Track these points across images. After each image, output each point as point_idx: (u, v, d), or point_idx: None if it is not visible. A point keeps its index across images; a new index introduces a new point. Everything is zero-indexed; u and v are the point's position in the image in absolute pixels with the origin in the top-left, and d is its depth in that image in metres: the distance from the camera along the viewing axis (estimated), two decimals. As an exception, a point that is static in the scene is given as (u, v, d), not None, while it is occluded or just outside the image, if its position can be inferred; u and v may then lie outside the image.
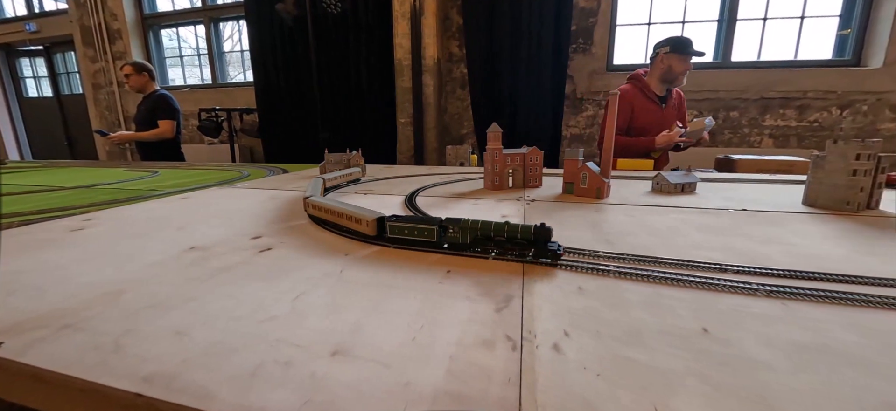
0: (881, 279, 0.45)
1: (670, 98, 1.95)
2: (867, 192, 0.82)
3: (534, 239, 0.49)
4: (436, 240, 0.54)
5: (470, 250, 0.53)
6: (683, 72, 1.84)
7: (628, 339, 0.32)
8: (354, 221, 0.61)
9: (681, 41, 1.82)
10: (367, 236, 0.60)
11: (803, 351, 0.31)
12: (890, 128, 2.66)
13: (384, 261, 0.52)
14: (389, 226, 0.56)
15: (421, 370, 0.28)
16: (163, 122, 2.60)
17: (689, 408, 0.24)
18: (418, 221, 0.55)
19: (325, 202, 0.69)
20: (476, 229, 0.52)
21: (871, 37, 2.63)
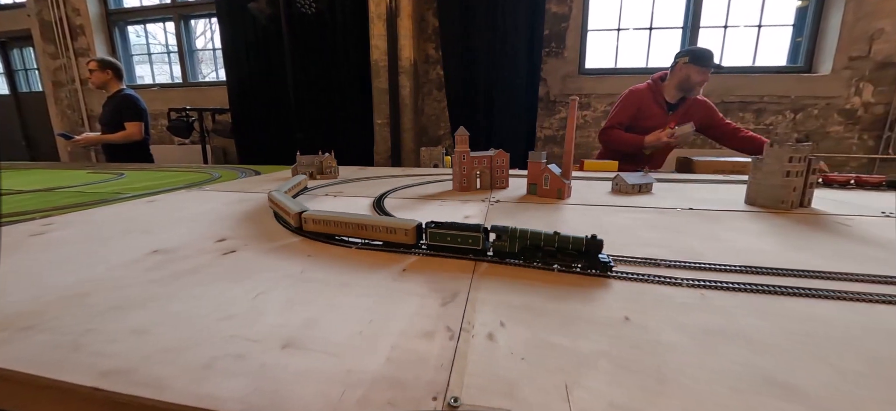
0: (797, 270, 0.51)
1: (682, 106, 1.97)
2: (800, 192, 0.90)
3: (585, 250, 0.48)
4: (480, 247, 0.52)
5: (517, 259, 0.51)
6: (701, 82, 1.86)
7: (558, 328, 0.36)
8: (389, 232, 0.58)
9: (701, 53, 1.84)
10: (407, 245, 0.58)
11: (708, 335, 0.36)
12: (838, 130, 2.85)
13: (344, 262, 0.54)
14: (429, 232, 0.54)
15: (363, 358, 0.31)
16: (130, 124, 2.53)
17: (595, 384, 0.28)
18: (461, 228, 0.53)
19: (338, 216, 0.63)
20: (525, 238, 0.50)
21: (820, 45, 2.81)
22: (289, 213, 0.69)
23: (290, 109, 3.08)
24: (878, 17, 2.62)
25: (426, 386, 0.28)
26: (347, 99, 3.12)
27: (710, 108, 2.03)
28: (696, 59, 1.82)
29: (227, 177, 1.50)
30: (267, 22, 3.00)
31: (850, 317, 0.39)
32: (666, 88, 1.96)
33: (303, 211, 0.66)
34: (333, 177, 1.33)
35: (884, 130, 2.78)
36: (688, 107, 1.97)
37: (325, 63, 3.06)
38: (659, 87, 1.97)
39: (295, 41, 2.99)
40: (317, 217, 0.64)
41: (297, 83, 3.05)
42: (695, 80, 1.85)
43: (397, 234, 0.57)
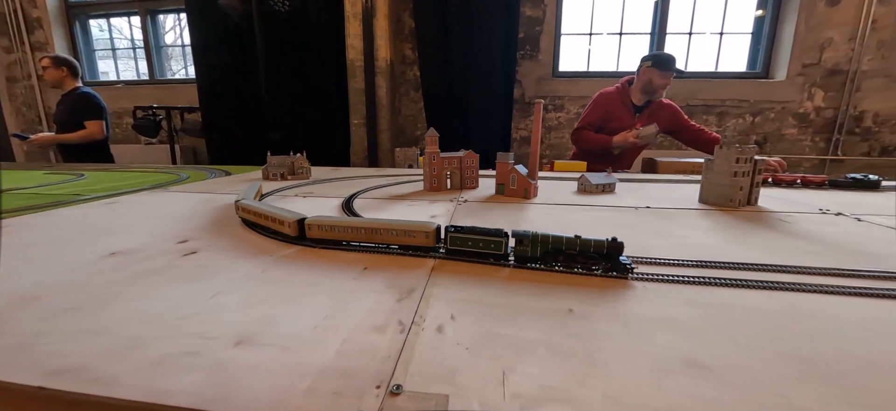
0: (733, 263, 0.55)
1: (648, 108, 2.06)
2: (746, 191, 0.96)
3: (607, 252, 0.49)
4: (503, 252, 0.52)
5: (539, 264, 0.51)
6: (662, 86, 1.96)
7: (505, 320, 0.38)
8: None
9: (663, 58, 1.94)
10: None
11: (643, 323, 0.39)
12: (793, 133, 3.03)
13: (306, 261, 0.55)
14: (449, 236, 0.53)
15: (314, 352, 0.32)
16: (90, 123, 2.42)
17: (530, 369, 0.30)
18: (483, 233, 0.52)
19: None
20: (547, 242, 0.50)
21: (776, 53, 2.98)
22: (284, 222, 0.63)
23: (264, 109, 3.02)
24: (828, 27, 2.80)
25: (372, 376, 0.29)
26: (323, 99, 3.09)
27: (677, 111, 2.13)
28: (658, 64, 1.92)
29: (195, 178, 1.47)
30: (238, 18, 2.93)
31: (773, 305, 0.43)
32: (633, 92, 2.06)
33: (303, 218, 0.62)
34: (305, 177, 1.33)
35: (833, 133, 2.97)
36: (654, 109, 2.07)
37: (299, 62, 3.02)
38: (626, 90, 2.07)
39: (268, 39, 2.94)
40: (322, 223, 0.60)
41: (270, 82, 3.00)
42: (657, 84, 1.95)
43: (417, 237, 0.55)
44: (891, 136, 2.97)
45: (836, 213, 0.90)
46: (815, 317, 0.40)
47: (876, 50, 2.81)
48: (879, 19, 2.76)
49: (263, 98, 3.01)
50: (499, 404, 0.26)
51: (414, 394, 0.27)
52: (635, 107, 2.06)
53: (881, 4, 2.73)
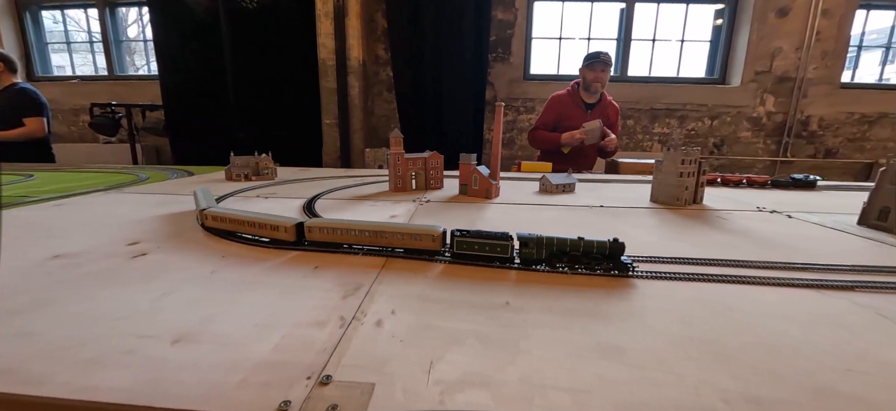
0: (667, 257, 0.59)
1: (599, 105, 2.20)
2: (692, 191, 1.02)
3: (609, 253, 0.51)
4: (509, 255, 0.53)
5: (545, 265, 0.53)
6: (594, 79, 2.10)
7: (444, 314, 0.41)
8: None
9: (589, 55, 2.13)
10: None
11: (568, 313, 0.42)
12: (747, 135, 3.21)
13: (257, 261, 0.55)
14: (456, 241, 0.54)
15: (252, 348, 0.33)
16: (30, 120, 2.28)
17: (457, 358, 0.33)
18: (489, 237, 0.53)
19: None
20: (552, 245, 0.52)
21: (732, 60, 3.15)
22: (280, 228, 0.60)
23: (231, 107, 2.95)
24: (777, 37, 2.99)
25: (305, 368, 0.31)
26: (294, 98, 3.04)
27: (617, 112, 2.30)
28: (586, 60, 2.12)
29: (155, 179, 1.43)
30: (204, 14, 2.85)
31: (692, 295, 0.47)
32: (582, 92, 2.20)
33: (301, 222, 0.61)
34: (271, 178, 1.31)
35: (783, 136, 3.17)
36: (603, 107, 2.22)
37: (268, 60, 2.96)
38: (577, 91, 2.21)
39: (235, 36, 2.86)
40: (324, 225, 0.59)
41: (237, 80, 2.93)
42: (589, 79, 2.11)
43: (423, 241, 0.55)
44: (834, 140, 3.20)
45: (771, 211, 0.97)
46: (726, 304, 0.44)
47: (820, 59, 3.02)
48: (823, 31, 2.96)
49: (231, 96, 2.94)
50: (421, 390, 0.28)
51: (341, 384, 0.29)
52: (586, 106, 2.19)
53: (824, 17, 2.94)
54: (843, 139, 3.19)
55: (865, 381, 0.31)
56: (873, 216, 0.84)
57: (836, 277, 0.53)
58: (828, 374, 0.32)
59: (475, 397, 0.28)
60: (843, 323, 0.41)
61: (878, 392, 0.30)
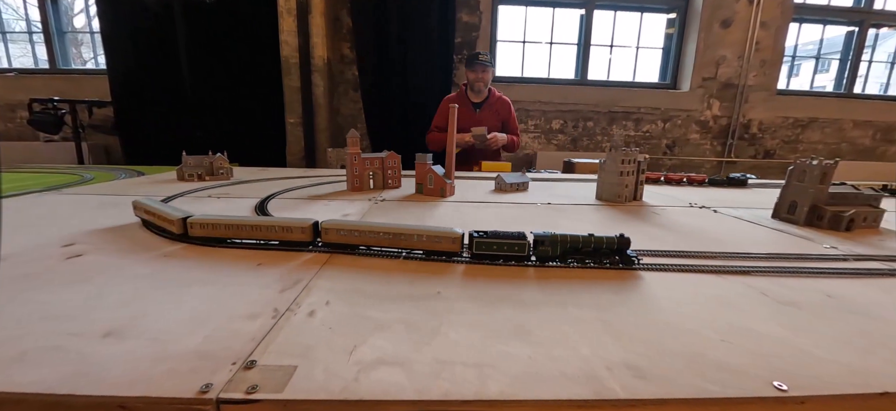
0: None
1: (486, 103, 2.28)
2: (632, 188, 1.10)
3: (617, 248, 0.55)
4: (525, 253, 0.56)
5: (558, 262, 0.56)
6: (476, 80, 2.19)
7: (376, 305, 0.43)
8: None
9: (468, 56, 2.24)
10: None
11: (492, 301, 0.45)
12: (696, 138, 3.43)
13: (200, 259, 0.56)
14: (475, 242, 0.56)
15: (182, 340, 0.35)
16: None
17: (380, 342, 0.35)
18: (506, 237, 0.56)
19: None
20: (565, 242, 0.55)
21: (682, 66, 3.36)
22: (294, 228, 0.60)
23: (187, 105, 2.84)
24: (722, 47, 3.21)
25: (232, 355, 0.32)
26: (256, 96, 2.96)
27: (509, 106, 2.37)
28: (466, 61, 2.22)
29: (101, 179, 1.36)
30: (157, 6, 2.72)
31: (609, 282, 0.52)
32: (469, 93, 2.29)
33: (317, 222, 0.61)
34: (226, 178, 1.29)
35: (727, 138, 3.41)
36: (492, 104, 2.29)
37: (228, 56, 2.87)
38: (464, 91, 2.30)
39: (192, 30, 2.76)
40: (341, 227, 0.59)
41: (195, 76, 2.82)
42: (472, 79, 2.20)
43: (443, 243, 0.57)
44: (772, 141, 3.47)
45: (701, 207, 1.06)
46: (635, 288, 0.49)
47: (759, 67, 3.27)
48: (762, 41, 3.21)
49: (187, 93, 2.83)
50: (341, 370, 0.31)
51: (265, 367, 0.31)
52: (474, 105, 2.28)
53: (763, 28, 3.19)
54: (780, 141, 3.47)
55: (732, 348, 0.36)
56: (784, 210, 0.94)
57: (736, 264, 0.60)
58: (704, 344, 0.37)
59: (389, 374, 0.31)
60: (731, 302, 0.47)
61: (741, 356, 0.35)
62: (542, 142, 3.37)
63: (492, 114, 2.27)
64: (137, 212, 0.74)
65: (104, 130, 2.98)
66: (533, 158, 3.33)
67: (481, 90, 2.25)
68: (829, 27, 3.46)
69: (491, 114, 2.26)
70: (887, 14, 3.40)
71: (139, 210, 0.74)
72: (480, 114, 2.25)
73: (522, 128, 3.32)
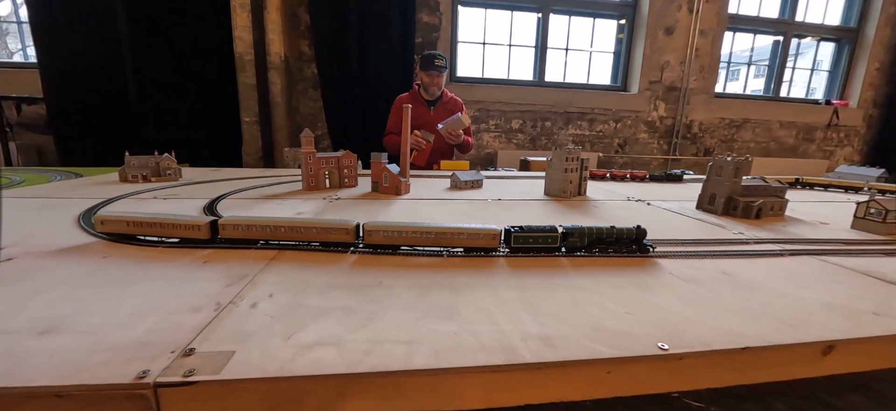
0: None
1: (440, 101, 2.29)
2: (576, 184, 1.18)
3: (635, 237, 0.64)
4: (557, 245, 0.62)
5: (585, 251, 0.63)
6: (431, 82, 2.19)
7: (319, 295, 0.46)
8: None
9: (423, 57, 2.21)
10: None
11: (429, 288, 0.49)
12: (644, 137, 3.65)
13: (144, 260, 0.56)
14: (513, 237, 0.60)
15: (121, 333, 0.36)
16: None
17: (318, 327, 0.38)
18: (540, 231, 0.62)
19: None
20: (591, 234, 0.62)
21: (631, 70, 3.57)
22: (336, 229, 0.61)
23: (132, 102, 2.68)
24: (666, 52, 3.44)
25: (171, 345, 0.34)
26: (209, 94, 2.84)
27: (463, 108, 2.34)
28: (421, 63, 2.21)
29: (33, 182, 1.28)
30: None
31: (535, 267, 0.57)
32: (422, 92, 2.30)
33: (358, 223, 0.63)
34: (174, 179, 1.25)
35: (672, 138, 3.66)
36: (446, 103, 2.32)
37: (177, 51, 2.74)
38: (418, 91, 2.31)
39: (135, 22, 2.61)
40: (386, 229, 0.60)
41: (140, 72, 2.67)
42: (426, 81, 2.21)
43: (483, 240, 0.61)
44: (711, 140, 3.76)
45: (637, 200, 1.16)
46: (560, 273, 0.55)
47: (699, 72, 3.53)
48: (700, 48, 3.47)
49: (131, 90, 2.67)
50: (278, 352, 0.33)
51: (203, 353, 0.33)
52: (429, 103, 2.28)
53: (701, 36, 3.45)
54: (718, 140, 3.77)
55: (631, 319, 0.42)
56: (705, 201, 1.05)
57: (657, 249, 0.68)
58: (609, 317, 0.43)
59: (324, 354, 0.34)
60: (642, 282, 0.53)
61: (638, 325, 0.41)
62: (502, 141, 3.46)
63: (446, 113, 2.28)
64: (110, 226, 0.63)
65: (35, 129, 2.75)
66: (494, 157, 3.42)
67: (434, 93, 2.26)
68: (759, 36, 3.80)
69: (445, 114, 2.27)
70: (807, 26, 3.79)
71: (114, 224, 0.62)
72: (435, 111, 2.27)
73: (484, 128, 3.40)
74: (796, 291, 0.52)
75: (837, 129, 3.93)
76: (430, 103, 2.29)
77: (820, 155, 4.00)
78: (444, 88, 2.35)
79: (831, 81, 4.00)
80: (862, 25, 3.77)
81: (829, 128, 3.91)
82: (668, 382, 0.36)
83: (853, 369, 0.41)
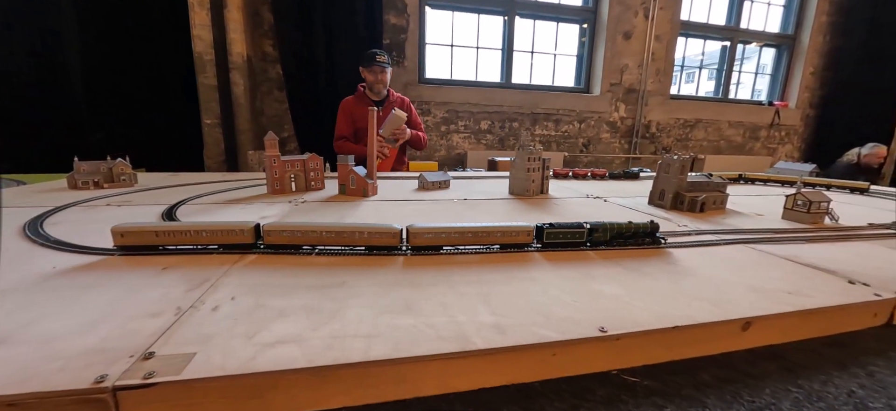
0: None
1: (388, 101, 2.21)
2: (538, 183, 1.23)
3: (650, 231, 0.71)
4: (584, 240, 0.69)
5: (608, 245, 0.69)
6: (375, 80, 2.12)
7: (282, 296, 0.47)
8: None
9: (364, 55, 2.13)
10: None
11: (389, 285, 0.51)
12: (607, 137, 3.81)
13: (97, 269, 0.54)
14: (546, 232, 0.67)
15: (77, 340, 0.36)
16: None
17: (281, 326, 0.39)
18: (569, 227, 0.68)
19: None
20: (613, 229, 0.69)
21: (593, 73, 3.71)
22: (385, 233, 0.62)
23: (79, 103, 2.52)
24: (625, 56, 3.61)
25: (129, 350, 0.34)
26: (167, 95, 2.72)
27: (409, 106, 2.31)
28: (362, 61, 2.14)
29: (-33, 190, 1.19)
30: (37, -8, 2.39)
31: (493, 263, 0.60)
32: (368, 92, 2.23)
33: (402, 228, 0.64)
34: (129, 185, 1.20)
35: (632, 137, 3.84)
36: (393, 102, 2.23)
37: (130, 50, 2.61)
38: (364, 92, 2.24)
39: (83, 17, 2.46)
40: (428, 231, 0.63)
41: (89, 71, 2.52)
42: (369, 80, 2.14)
43: (520, 237, 0.67)
44: (667, 139, 3.97)
45: (595, 198, 1.22)
46: (517, 266, 0.58)
47: (655, 75, 3.72)
48: (656, 52, 3.66)
49: (78, 90, 2.51)
50: (239, 352, 0.34)
51: (163, 356, 0.33)
52: (376, 103, 2.18)
53: (657, 41, 3.64)
54: (674, 139, 3.99)
55: (578, 307, 0.46)
56: (656, 197, 1.12)
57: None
58: (556, 305, 0.46)
59: (285, 351, 0.35)
60: (590, 273, 0.57)
61: (583, 312, 0.45)
62: (472, 141, 3.51)
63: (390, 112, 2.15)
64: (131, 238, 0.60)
65: (-31, 133, 2.53)
66: (464, 157, 3.46)
67: (380, 91, 2.19)
68: (709, 42, 4.05)
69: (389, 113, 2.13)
70: (751, 32, 4.08)
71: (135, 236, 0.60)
72: (384, 112, 2.15)
73: (454, 129, 3.44)
74: (726, 276, 0.58)
75: (779, 128, 4.25)
76: (377, 104, 2.19)
77: (765, 152, 4.32)
78: (390, 88, 2.27)
79: (773, 84, 4.32)
80: (798, 33, 4.10)
81: (771, 127, 4.22)
82: (607, 361, 0.40)
83: (768, 342, 0.47)
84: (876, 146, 3.39)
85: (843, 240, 0.81)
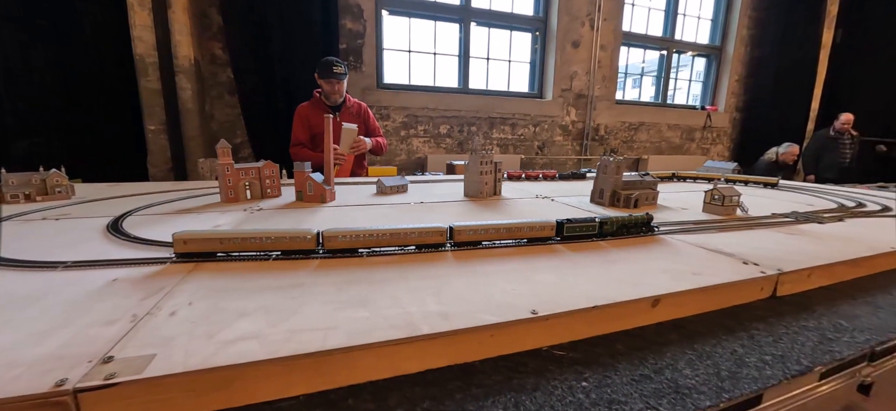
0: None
1: (345, 107, 2.22)
2: (491, 185, 1.30)
3: (647, 223, 0.83)
4: (597, 232, 0.78)
5: (615, 235, 0.80)
6: (331, 90, 2.12)
7: (241, 298, 0.49)
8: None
9: (321, 64, 2.12)
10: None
11: (349, 283, 0.54)
12: (560, 140, 4.02)
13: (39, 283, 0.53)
14: (564, 227, 0.76)
15: (33, 349, 0.36)
16: None
17: (240, 325, 0.42)
18: (584, 221, 0.78)
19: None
20: (619, 222, 0.80)
21: (545, 79, 3.90)
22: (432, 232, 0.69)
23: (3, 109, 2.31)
24: (574, 63, 3.83)
25: (87, 355, 0.35)
26: (104, 99, 2.55)
27: (366, 111, 2.35)
28: (318, 70, 2.14)
29: None
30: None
31: (450, 258, 0.65)
32: (324, 99, 2.22)
33: (451, 227, 0.71)
34: (65, 197, 1.13)
35: (583, 140, 4.07)
36: (350, 107, 2.26)
37: (60, 51, 2.42)
38: (319, 97, 2.22)
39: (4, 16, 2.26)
40: (466, 229, 0.71)
41: (10, 74, 2.31)
42: (326, 89, 2.14)
43: (544, 231, 0.76)
44: (614, 141, 4.24)
45: (544, 197, 1.31)
46: (469, 260, 0.63)
47: (601, 81, 3.97)
48: (602, 60, 3.92)
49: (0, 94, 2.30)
50: (200, 350, 0.37)
51: (122, 359, 0.35)
52: (333, 109, 2.20)
53: (602, 50, 3.89)
54: (620, 141, 4.27)
55: (516, 294, 0.52)
56: (596, 195, 1.23)
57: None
58: (506, 294, 0.52)
59: (245, 347, 0.38)
60: (533, 263, 0.64)
61: (520, 298, 0.51)
62: (431, 145, 3.57)
63: (351, 116, 2.21)
64: (194, 245, 0.61)
65: None
66: (424, 161, 3.51)
67: (336, 100, 2.19)
68: (649, 52, 4.39)
69: (351, 117, 2.20)
70: (684, 43, 4.46)
71: (198, 243, 0.61)
72: (341, 116, 2.18)
73: (413, 133, 3.48)
74: (645, 261, 0.66)
75: (711, 130, 4.67)
76: (334, 110, 2.20)
77: (699, 152, 4.72)
78: (347, 94, 2.27)
79: (705, 90, 4.75)
80: (724, 44, 4.53)
81: (704, 129, 4.63)
82: (538, 339, 0.46)
83: (673, 316, 0.55)
84: (791, 145, 3.83)
85: (748, 229, 0.94)
